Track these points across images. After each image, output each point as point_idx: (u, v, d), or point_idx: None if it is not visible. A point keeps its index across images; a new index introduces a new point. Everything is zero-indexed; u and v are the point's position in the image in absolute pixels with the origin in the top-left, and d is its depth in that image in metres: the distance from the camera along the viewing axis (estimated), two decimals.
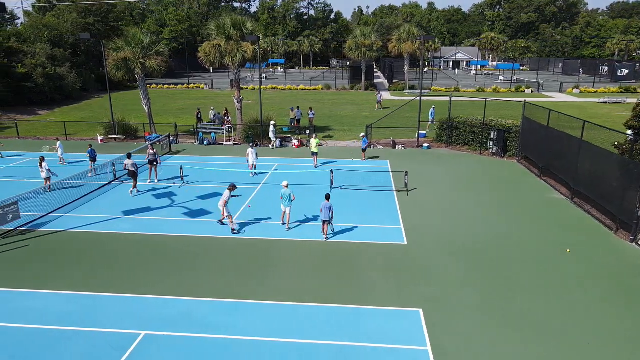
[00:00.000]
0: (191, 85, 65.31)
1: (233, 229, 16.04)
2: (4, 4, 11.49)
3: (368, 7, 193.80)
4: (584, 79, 77.75)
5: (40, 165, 19.98)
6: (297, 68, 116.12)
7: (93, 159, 23.43)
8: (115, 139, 32.23)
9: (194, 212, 18.10)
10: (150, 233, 16.02)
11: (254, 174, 23.16)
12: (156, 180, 22.14)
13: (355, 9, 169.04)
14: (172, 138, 30.69)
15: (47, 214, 17.65)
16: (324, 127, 36.95)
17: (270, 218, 17.40)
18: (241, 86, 66.32)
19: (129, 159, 20.51)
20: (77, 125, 36.40)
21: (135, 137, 33.04)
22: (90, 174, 22.73)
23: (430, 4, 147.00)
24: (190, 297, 11.85)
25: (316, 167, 24.91)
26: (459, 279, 12.79)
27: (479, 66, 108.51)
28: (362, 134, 26.82)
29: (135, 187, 20.41)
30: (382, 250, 14.65)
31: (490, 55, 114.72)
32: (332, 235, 15.65)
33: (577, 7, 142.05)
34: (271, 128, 29.62)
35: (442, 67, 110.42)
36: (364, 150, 26.42)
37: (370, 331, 10.40)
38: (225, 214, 16.06)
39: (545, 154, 22.10)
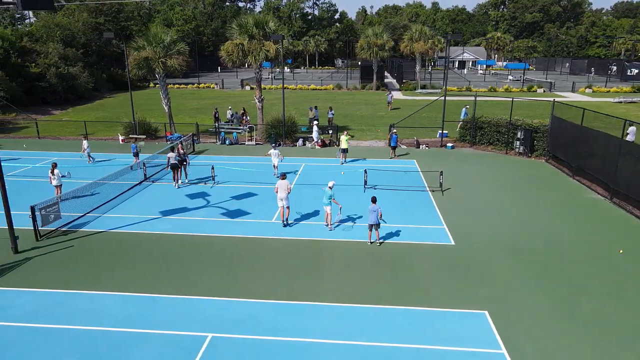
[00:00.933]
0: (201, 85, 65.14)
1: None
2: None
3: (372, 7, 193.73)
4: (594, 78, 77.61)
5: (52, 172, 18.46)
6: (302, 68, 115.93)
7: (136, 154, 24.08)
8: (135, 138, 31.99)
9: (232, 212, 17.94)
10: (193, 233, 15.85)
11: (277, 174, 22.89)
12: (186, 180, 21.99)
13: (359, 9, 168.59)
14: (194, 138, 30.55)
15: (84, 214, 17.51)
16: (343, 127, 36.69)
17: (312, 218, 17.23)
18: (252, 86, 66.25)
19: (173, 151, 20.96)
20: (93, 125, 36.18)
21: (156, 137, 32.88)
22: (133, 167, 22.98)
23: (435, 4, 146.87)
24: (252, 299, 11.68)
25: (342, 163, 25.17)
26: (519, 280, 12.63)
27: (484, 66, 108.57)
28: (394, 130, 26.62)
29: (178, 179, 21.04)
30: (431, 251, 14.50)
31: (496, 55, 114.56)
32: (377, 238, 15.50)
33: (581, 7, 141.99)
34: (315, 127, 29.60)
35: (447, 67, 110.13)
36: (394, 147, 26.26)
37: (441, 334, 10.26)
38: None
39: (578, 154, 21.94)
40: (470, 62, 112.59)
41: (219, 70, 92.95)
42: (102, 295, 11.85)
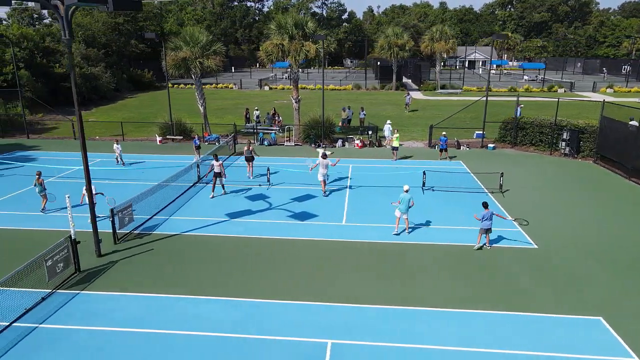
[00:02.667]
0: (219, 85, 64.94)
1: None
2: None
3: (379, 7, 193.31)
4: (607, 78, 77.48)
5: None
6: (313, 68, 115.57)
7: (198, 147, 25.36)
8: (172, 139, 31.90)
9: (299, 214, 17.79)
10: (270, 237, 15.70)
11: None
12: (251, 177, 22.71)
13: (366, 9, 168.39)
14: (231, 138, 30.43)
15: (151, 217, 17.37)
16: (370, 127, 36.57)
17: (382, 221, 17.08)
18: (271, 86, 66.17)
19: (216, 160, 19.83)
20: (123, 126, 35.89)
21: (192, 138, 32.67)
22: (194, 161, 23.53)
23: (442, 4, 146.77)
24: (357, 304, 11.53)
25: (395, 160, 25.71)
26: (620, 285, 12.48)
27: (494, 65, 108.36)
28: (444, 133, 26.49)
29: (217, 187, 19.98)
30: (515, 254, 14.37)
31: (505, 55, 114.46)
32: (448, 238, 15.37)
33: (588, 7, 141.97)
34: (387, 127, 29.75)
35: (457, 67, 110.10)
36: (443, 150, 26.09)
37: (556, 340, 10.11)
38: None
39: (635, 155, 21.79)
40: (480, 62, 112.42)
41: (233, 70, 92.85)
42: (206, 300, 11.70)
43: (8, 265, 13.40)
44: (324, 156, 19.61)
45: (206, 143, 31.07)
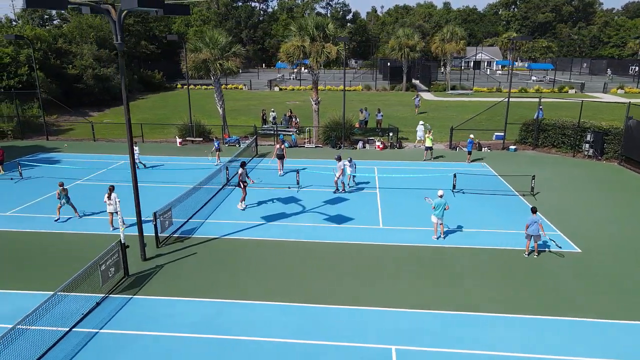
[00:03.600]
0: (229, 86, 64.84)
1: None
2: None
3: (382, 7, 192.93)
4: (612, 79, 77.45)
5: (109, 197, 16.21)
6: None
7: (218, 149, 25.96)
8: (192, 141, 31.88)
9: (334, 217, 17.77)
10: (311, 240, 15.69)
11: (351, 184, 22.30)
12: (281, 173, 23.63)
13: (369, 10, 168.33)
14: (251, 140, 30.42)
15: (187, 220, 17.35)
16: (391, 129, 36.56)
17: (416, 224, 17.06)
18: (281, 87, 66.11)
19: (243, 168, 18.64)
20: (139, 128, 35.84)
21: (211, 140, 32.68)
22: (216, 164, 24.94)
23: (446, 4, 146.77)
24: (415, 309, 11.52)
25: (425, 160, 26.27)
26: None
27: (500, 66, 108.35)
28: (471, 135, 26.44)
29: (243, 199, 18.57)
30: (561, 259, 14.34)
31: (510, 55, 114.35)
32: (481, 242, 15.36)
33: (592, 7, 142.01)
34: (420, 127, 29.84)
35: (462, 67, 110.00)
36: (469, 152, 26.01)
37: (629, 348, 10.08)
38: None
39: None
40: (486, 62, 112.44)
41: (240, 71, 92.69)
42: (262, 305, 11.68)
43: (56, 270, 13.42)
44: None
45: (226, 145, 31.06)
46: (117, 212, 16.24)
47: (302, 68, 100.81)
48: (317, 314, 11.30)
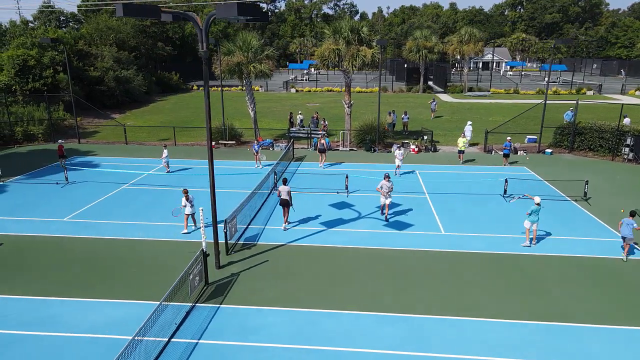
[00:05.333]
0: (238, 88, 64.65)
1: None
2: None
3: (388, 8, 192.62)
4: (627, 80, 77.41)
5: (187, 198, 16.38)
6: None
7: (257, 153, 26.02)
8: (224, 144, 31.81)
9: (393, 223, 17.69)
10: (378, 247, 15.62)
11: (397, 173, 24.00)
12: (321, 166, 25.56)
13: (375, 11, 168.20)
14: (284, 144, 30.38)
15: (247, 226, 17.28)
16: (418, 131, 36.48)
17: (495, 230, 17.00)
18: (298, 88, 66.01)
19: (285, 184, 16.95)
20: (166, 130, 35.74)
21: (241, 143, 32.66)
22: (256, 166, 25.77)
23: (452, 4, 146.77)
24: (511, 320, 11.45)
25: (462, 162, 26.14)
26: None
27: (508, 66, 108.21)
28: (508, 138, 26.37)
29: (286, 220, 17.18)
30: (631, 267, 14.28)
31: (519, 56, 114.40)
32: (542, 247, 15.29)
33: (598, 8, 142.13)
34: (468, 127, 29.97)
35: (471, 68, 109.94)
36: (507, 155, 26.02)
37: None
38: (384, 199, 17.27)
39: None
40: (495, 63, 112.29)
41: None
42: (355, 315, 11.60)
43: (134, 277, 13.36)
44: (386, 176, 17.88)
45: (259, 148, 30.95)
46: (192, 215, 16.39)
47: (313, 69, 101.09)
48: (413, 324, 11.23)
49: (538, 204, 15.24)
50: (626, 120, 29.01)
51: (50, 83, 40.30)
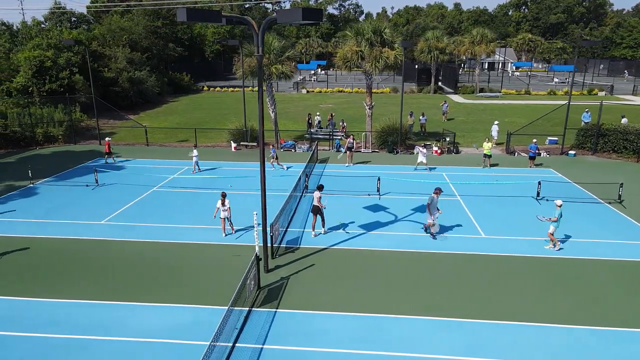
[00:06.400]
0: (255, 89, 64.66)
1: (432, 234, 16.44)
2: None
3: (392, 8, 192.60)
4: (630, 80, 77.43)
5: (223, 203, 16.25)
6: (332, 69, 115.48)
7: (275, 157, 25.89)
8: (246, 146, 31.79)
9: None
10: (422, 250, 15.60)
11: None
12: (351, 164, 26.12)
13: (379, 11, 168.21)
14: (307, 146, 30.39)
15: (286, 229, 17.26)
16: (435, 132, 36.47)
17: (524, 233, 16.98)
18: (308, 89, 65.96)
19: (320, 191, 16.57)
20: (184, 132, 35.70)
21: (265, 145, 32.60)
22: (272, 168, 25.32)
23: (457, 5, 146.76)
24: (569, 325, 11.44)
25: (484, 167, 25.79)
26: None
27: (514, 67, 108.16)
28: (534, 140, 26.32)
29: (323, 225, 16.86)
30: None
31: (524, 56, 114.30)
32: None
33: (603, 8, 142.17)
34: (495, 127, 30.55)
35: (475, 69, 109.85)
36: (532, 158, 25.96)
37: None
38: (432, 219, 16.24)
39: None
40: (501, 64, 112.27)
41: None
42: (417, 320, 11.56)
43: (184, 281, 13.34)
44: (438, 191, 16.66)
45: (281, 150, 30.99)
46: (228, 219, 16.38)
47: (320, 69, 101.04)
48: (473, 330, 11.20)
49: (560, 206, 15.19)
50: (623, 121, 30.51)
51: (67, 84, 40.29)
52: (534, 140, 26.42)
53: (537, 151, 26.39)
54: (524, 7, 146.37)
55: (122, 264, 14.50)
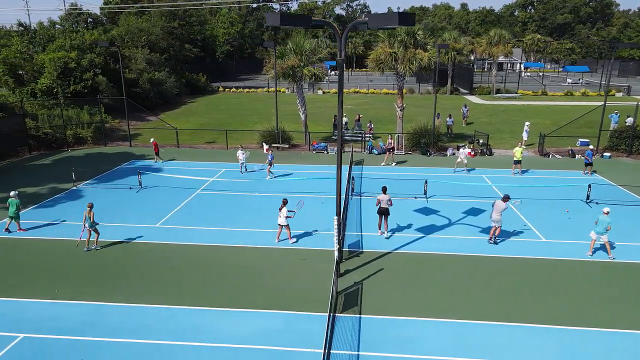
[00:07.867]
0: (270, 90, 64.63)
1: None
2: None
3: (399, 8, 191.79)
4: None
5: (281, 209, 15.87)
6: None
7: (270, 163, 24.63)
8: (278, 147, 31.68)
9: (486, 229, 17.48)
10: (482, 254, 15.51)
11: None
12: (393, 163, 26.56)
13: (385, 11, 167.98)
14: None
15: (344, 233, 17.14)
16: (461, 134, 36.43)
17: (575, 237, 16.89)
18: (323, 90, 65.81)
19: (385, 193, 16.50)
20: (210, 133, 35.65)
21: (292, 146, 32.57)
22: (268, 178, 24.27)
23: (463, 5, 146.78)
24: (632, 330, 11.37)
25: (514, 174, 25.19)
26: None
27: (523, 67, 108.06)
28: (591, 147, 25.97)
29: (386, 229, 16.88)
30: None
31: (533, 57, 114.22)
32: None
33: (609, 8, 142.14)
34: (526, 128, 30.57)
35: (485, 69, 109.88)
36: (589, 164, 24.89)
37: None
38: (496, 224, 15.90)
39: None
40: (509, 64, 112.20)
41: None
42: (502, 326, 11.48)
43: (254, 286, 13.26)
44: (506, 198, 16.15)
45: (314, 152, 30.93)
46: (286, 225, 16.26)
47: (330, 70, 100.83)
48: (561, 336, 11.11)
49: (607, 214, 14.94)
50: (629, 120, 30.64)
51: (90, 85, 40.23)
52: (591, 147, 26.11)
53: (593, 158, 25.48)
54: (530, 8, 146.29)
55: (187, 268, 14.42)
